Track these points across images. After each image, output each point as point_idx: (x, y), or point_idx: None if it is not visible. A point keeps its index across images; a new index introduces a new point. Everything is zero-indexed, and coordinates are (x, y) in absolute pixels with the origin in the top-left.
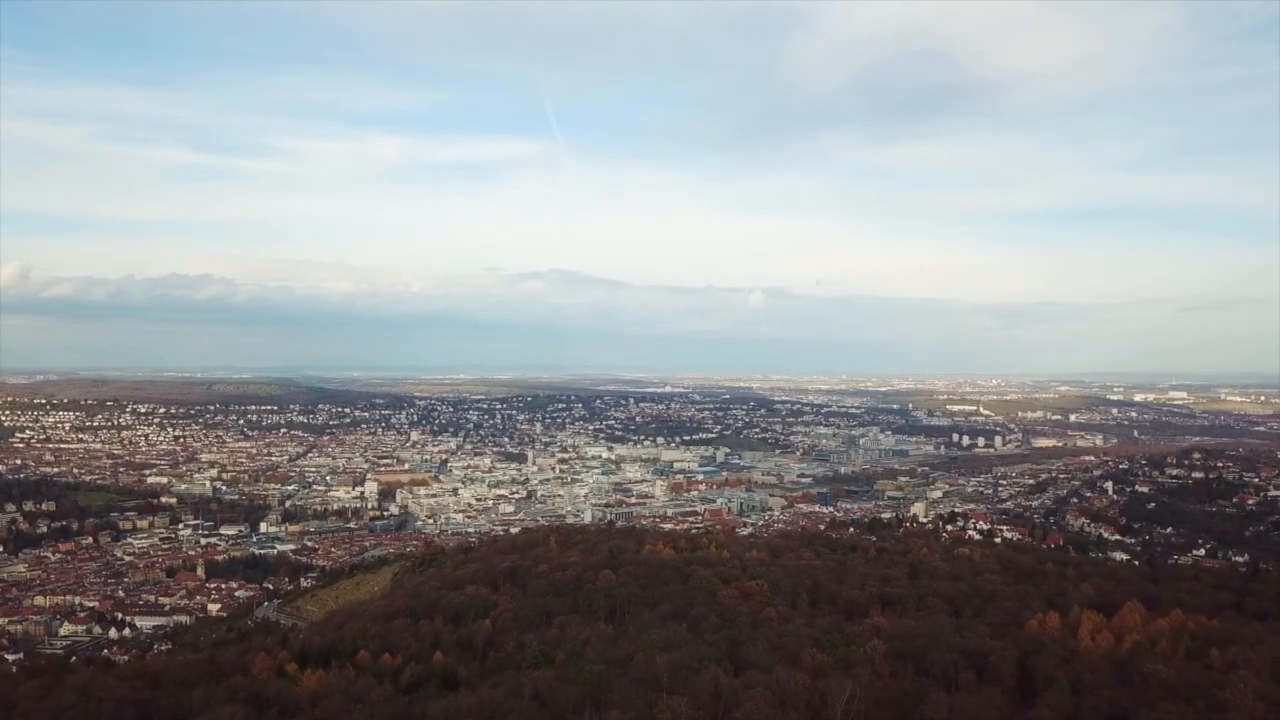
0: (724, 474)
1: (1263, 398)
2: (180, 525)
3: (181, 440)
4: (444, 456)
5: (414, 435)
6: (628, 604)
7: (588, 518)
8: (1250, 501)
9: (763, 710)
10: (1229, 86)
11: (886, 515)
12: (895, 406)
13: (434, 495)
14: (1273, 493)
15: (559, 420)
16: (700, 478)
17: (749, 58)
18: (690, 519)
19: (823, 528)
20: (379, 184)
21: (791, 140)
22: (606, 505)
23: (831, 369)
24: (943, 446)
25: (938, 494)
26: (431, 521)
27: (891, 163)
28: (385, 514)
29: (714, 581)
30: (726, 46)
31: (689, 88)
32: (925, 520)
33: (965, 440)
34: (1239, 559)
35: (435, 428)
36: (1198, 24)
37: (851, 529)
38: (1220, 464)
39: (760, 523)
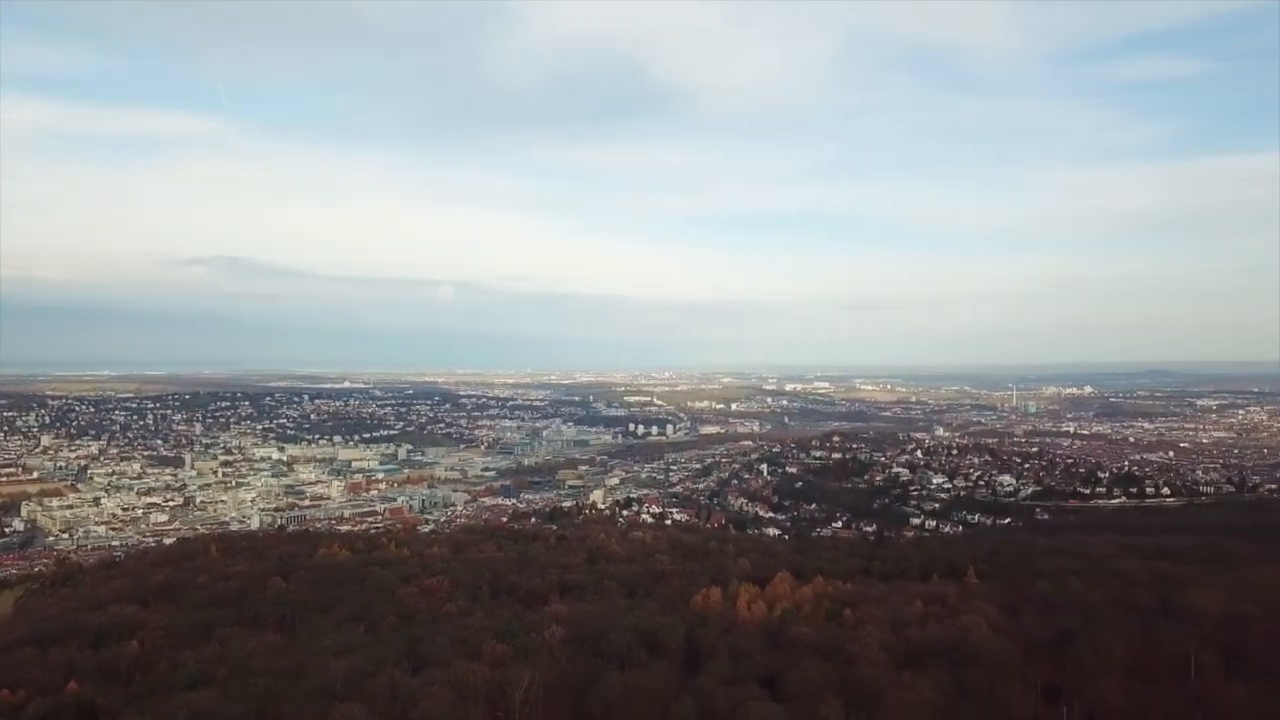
0: (406, 471)
1: (889, 386)
2: None
3: None
4: (83, 463)
5: (45, 440)
6: (300, 611)
7: (255, 523)
8: (878, 478)
9: (441, 706)
10: (881, 108)
11: (567, 504)
12: (577, 399)
13: (70, 507)
14: (895, 470)
15: (222, 420)
16: (380, 476)
17: (449, 48)
18: (369, 519)
19: (505, 520)
20: (12, 155)
21: (490, 135)
22: (277, 509)
23: (523, 364)
24: (620, 436)
25: (615, 481)
26: (66, 536)
27: (588, 163)
28: (6, 531)
29: (393, 581)
30: (427, 34)
31: (381, 74)
32: (603, 507)
33: (640, 429)
34: (869, 529)
35: (73, 431)
36: (855, 52)
37: (534, 519)
38: (855, 446)
39: (443, 519)
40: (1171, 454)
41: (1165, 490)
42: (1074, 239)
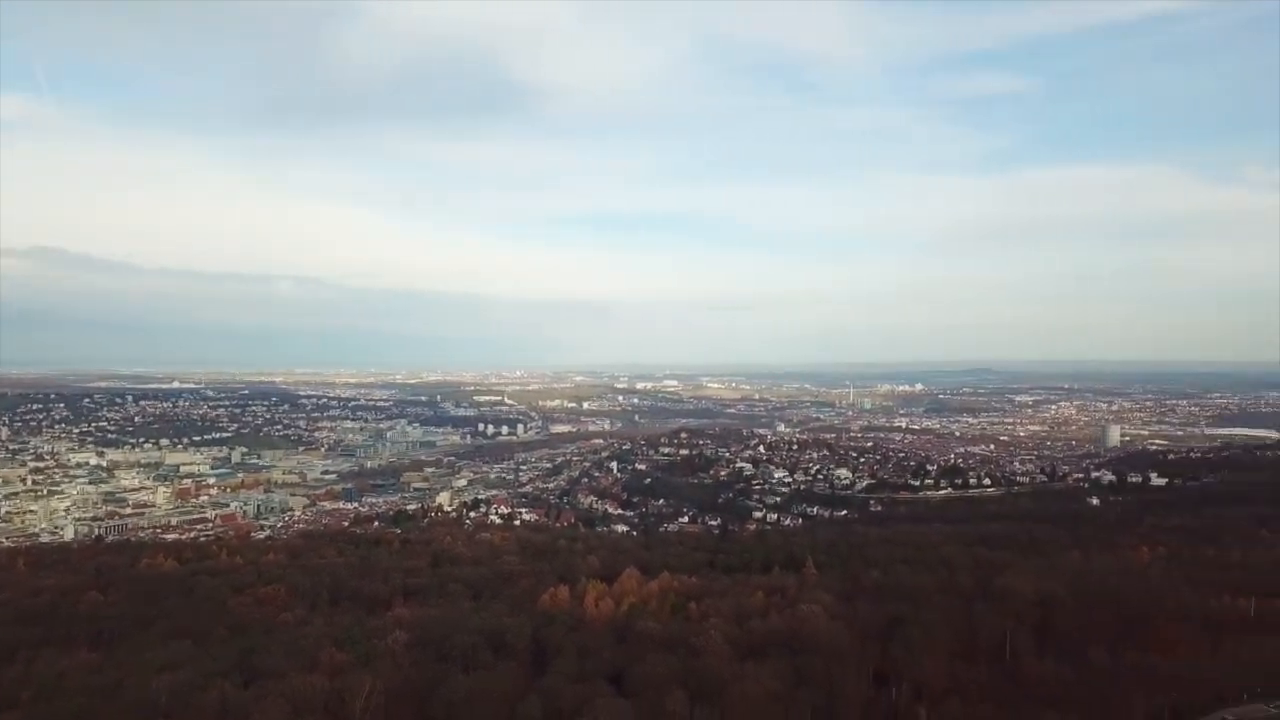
0: (240, 475)
1: (734, 384)
2: None
3: None
4: None
5: None
6: (120, 626)
7: (70, 534)
8: (723, 473)
9: (276, 719)
10: (731, 112)
11: (412, 507)
12: (424, 399)
13: None
14: (739, 465)
15: (33, 424)
16: (212, 481)
17: (293, 35)
18: (199, 527)
19: (347, 524)
20: None
21: (337, 127)
22: (95, 519)
23: (367, 363)
24: (469, 436)
25: (463, 482)
26: None
27: (442, 159)
28: None
29: (224, 591)
30: (268, 19)
31: (218, 59)
32: (450, 509)
33: (490, 429)
34: (714, 523)
35: None
36: (706, 56)
37: (377, 523)
38: (702, 442)
39: (280, 524)
40: (992, 447)
41: (986, 481)
42: (908, 243)
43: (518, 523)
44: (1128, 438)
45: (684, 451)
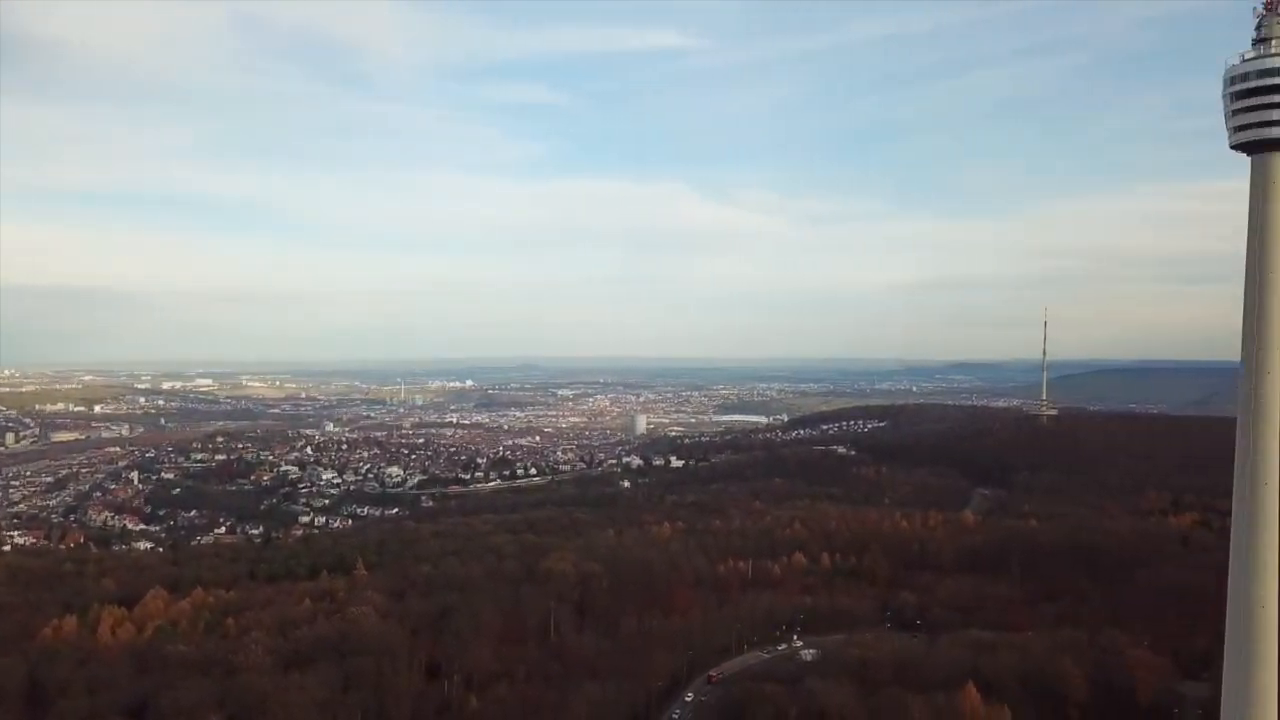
0: None
1: (278, 383)
2: None
3: None
4: None
5: None
6: None
7: None
8: (266, 477)
9: None
10: (270, 95)
11: None
12: None
13: None
14: (284, 468)
15: None
16: None
17: None
18: None
19: None
20: None
21: None
22: None
23: None
24: None
25: None
26: None
27: None
28: None
29: None
30: None
31: None
32: None
33: None
34: (255, 531)
35: None
36: (242, 33)
37: None
38: (241, 445)
39: None
40: (538, 438)
41: (533, 471)
42: (454, 242)
43: (8, 548)
44: (653, 425)
45: (220, 456)
